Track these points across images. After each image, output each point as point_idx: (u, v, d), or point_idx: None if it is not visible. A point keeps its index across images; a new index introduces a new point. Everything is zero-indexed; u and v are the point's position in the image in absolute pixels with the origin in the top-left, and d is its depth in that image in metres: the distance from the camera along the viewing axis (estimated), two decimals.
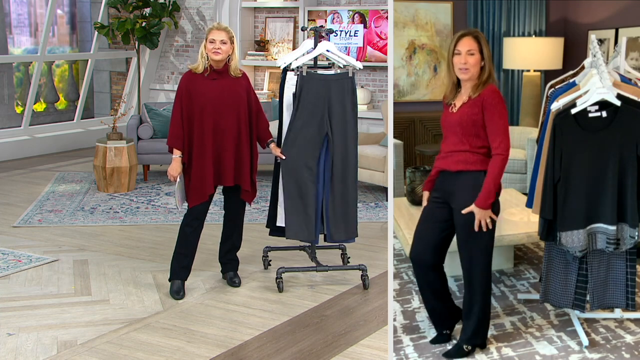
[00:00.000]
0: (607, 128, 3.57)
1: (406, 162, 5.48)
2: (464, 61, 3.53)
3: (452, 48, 3.56)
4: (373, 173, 7.32)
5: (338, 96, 4.84)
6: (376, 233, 6.26)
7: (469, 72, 3.55)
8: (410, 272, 4.55)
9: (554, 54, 5.63)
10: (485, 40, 3.58)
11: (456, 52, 3.56)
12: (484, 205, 3.51)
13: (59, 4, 11.93)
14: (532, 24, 5.78)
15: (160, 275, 5.15)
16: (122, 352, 4.00)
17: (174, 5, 9.60)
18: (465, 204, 3.55)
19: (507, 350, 3.71)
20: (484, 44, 3.55)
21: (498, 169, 3.51)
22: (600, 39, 4.77)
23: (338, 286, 5.00)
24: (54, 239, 6.00)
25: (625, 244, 3.67)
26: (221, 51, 4.62)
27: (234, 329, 4.32)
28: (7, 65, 10.78)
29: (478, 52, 3.54)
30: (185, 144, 4.70)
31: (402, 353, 3.72)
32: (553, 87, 3.94)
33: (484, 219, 3.52)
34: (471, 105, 3.56)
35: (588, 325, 3.92)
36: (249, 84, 4.83)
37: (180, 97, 4.70)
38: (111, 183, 7.51)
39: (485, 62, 3.55)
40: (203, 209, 4.77)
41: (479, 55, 3.54)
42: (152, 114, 8.20)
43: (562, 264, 3.84)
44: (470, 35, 3.55)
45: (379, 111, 8.42)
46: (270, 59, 9.26)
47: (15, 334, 4.21)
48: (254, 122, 4.82)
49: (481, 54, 3.54)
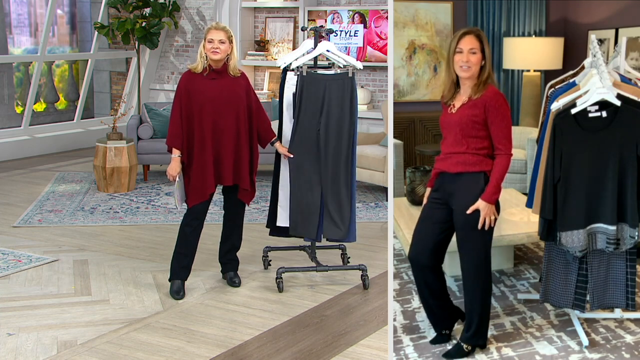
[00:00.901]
0: (607, 128, 3.56)
1: (406, 162, 5.48)
2: (466, 59, 3.52)
3: (453, 46, 3.54)
4: (373, 173, 7.32)
5: (337, 96, 4.84)
6: (376, 233, 6.26)
7: (470, 70, 3.53)
8: (410, 272, 4.55)
9: (554, 54, 5.63)
10: (487, 39, 3.58)
11: (458, 50, 3.54)
12: (491, 199, 3.51)
13: (59, 4, 11.93)
14: (532, 24, 5.78)
15: (160, 275, 5.15)
16: (122, 352, 4.00)
17: (174, 5, 9.60)
18: (465, 205, 3.55)
19: (507, 350, 3.71)
20: (485, 43, 3.54)
21: (504, 167, 3.52)
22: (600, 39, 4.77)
23: (338, 286, 5.00)
24: (54, 239, 6.00)
25: (625, 244, 3.67)
26: (220, 51, 4.62)
27: (234, 329, 4.32)
28: (7, 65, 10.78)
29: (480, 51, 3.53)
30: (185, 144, 4.71)
31: (402, 353, 3.72)
32: (553, 87, 3.94)
33: (489, 216, 3.52)
34: (472, 107, 3.55)
35: (588, 325, 3.92)
36: (248, 83, 4.83)
37: (179, 97, 4.70)
38: (111, 183, 7.51)
39: (485, 61, 3.55)
40: (203, 208, 4.77)
41: (481, 55, 3.53)
42: (152, 114, 8.21)
43: (562, 264, 3.84)
44: (472, 34, 3.54)
45: (379, 111, 8.42)
46: (270, 59, 9.26)
47: (15, 334, 4.21)
48: (254, 122, 4.82)
49: (482, 53, 3.53)
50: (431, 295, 3.76)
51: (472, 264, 3.61)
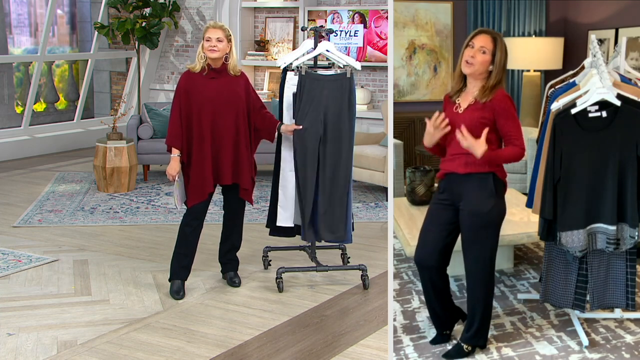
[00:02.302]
0: (607, 128, 3.56)
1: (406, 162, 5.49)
2: (472, 55, 3.48)
3: (467, 40, 3.51)
4: (373, 173, 7.32)
5: (336, 96, 4.83)
6: (376, 233, 6.26)
7: (473, 67, 3.49)
8: (410, 272, 4.56)
9: (554, 54, 5.63)
10: (504, 46, 3.50)
11: (469, 45, 3.50)
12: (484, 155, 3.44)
13: (59, 4, 11.93)
14: (532, 24, 5.78)
15: (160, 275, 5.15)
16: (122, 352, 4.00)
17: (174, 5, 9.60)
18: (474, 205, 3.53)
19: (507, 350, 3.71)
20: (499, 48, 3.48)
21: (515, 152, 3.49)
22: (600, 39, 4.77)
23: (338, 286, 5.00)
24: (54, 239, 6.00)
25: (625, 244, 3.67)
26: (217, 49, 4.62)
27: (234, 329, 4.32)
28: (7, 65, 10.78)
29: (490, 53, 3.48)
30: (184, 143, 4.71)
31: (402, 353, 3.72)
32: (553, 87, 3.94)
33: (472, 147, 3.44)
34: (480, 109, 3.52)
35: (588, 325, 3.92)
36: (248, 82, 4.83)
37: (178, 97, 4.71)
38: (111, 183, 7.51)
39: (495, 67, 3.49)
40: (202, 208, 4.77)
41: (490, 57, 3.48)
42: (152, 114, 8.21)
43: (562, 264, 3.84)
44: (489, 34, 3.49)
45: (379, 111, 8.42)
46: (270, 59, 9.26)
47: (15, 334, 4.21)
48: (258, 120, 4.81)
49: (493, 57, 3.48)
50: (436, 296, 3.75)
51: (478, 265, 3.60)
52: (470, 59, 3.49)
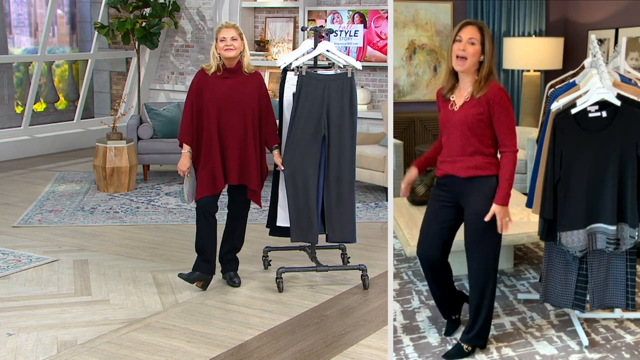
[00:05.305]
0: (607, 128, 3.56)
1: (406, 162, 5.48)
2: (463, 48, 3.42)
3: (453, 35, 3.45)
4: (373, 173, 7.32)
5: (337, 96, 4.84)
6: (376, 233, 6.26)
7: (466, 62, 3.44)
8: (410, 272, 4.56)
9: (554, 54, 5.63)
10: (490, 34, 3.46)
11: (457, 39, 3.44)
12: (505, 202, 3.48)
13: (59, 4, 11.93)
14: (532, 24, 5.79)
15: (160, 275, 5.15)
16: (122, 352, 4.00)
17: (174, 5, 9.60)
18: (480, 210, 3.51)
19: (507, 350, 3.71)
20: (487, 37, 3.44)
21: (512, 165, 3.49)
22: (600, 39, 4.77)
23: (338, 286, 5.00)
24: (54, 239, 6.00)
25: (625, 244, 3.67)
26: (233, 47, 4.65)
27: (233, 329, 4.32)
28: (7, 65, 10.78)
29: (480, 43, 3.43)
30: (194, 141, 4.74)
31: (402, 353, 3.72)
32: (553, 87, 3.94)
33: (505, 218, 3.49)
34: (476, 105, 3.48)
35: (588, 325, 3.92)
36: (262, 82, 4.85)
37: (191, 94, 4.78)
38: (111, 183, 7.51)
39: (485, 57, 3.45)
40: (212, 201, 4.78)
41: (480, 47, 3.43)
42: (152, 114, 8.21)
43: (562, 264, 3.84)
44: (474, 25, 3.44)
45: (379, 111, 8.42)
46: (270, 59, 9.26)
47: (15, 334, 4.21)
48: (262, 125, 4.83)
49: (482, 46, 3.44)
50: (440, 287, 3.79)
51: (481, 266, 3.60)
52: (461, 52, 3.43)
